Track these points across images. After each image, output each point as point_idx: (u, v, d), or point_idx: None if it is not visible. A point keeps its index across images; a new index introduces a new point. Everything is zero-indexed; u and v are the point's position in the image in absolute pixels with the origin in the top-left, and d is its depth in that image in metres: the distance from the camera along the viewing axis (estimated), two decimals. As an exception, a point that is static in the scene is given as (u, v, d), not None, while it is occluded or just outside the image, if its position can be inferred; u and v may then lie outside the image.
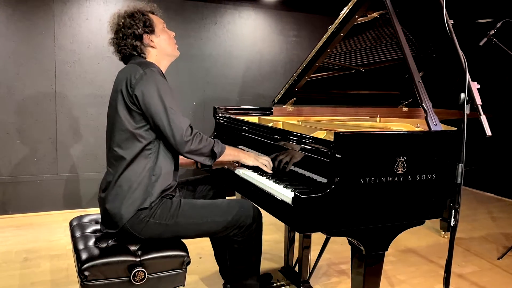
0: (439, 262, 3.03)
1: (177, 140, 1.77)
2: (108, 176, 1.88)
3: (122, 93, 1.80)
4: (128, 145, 1.82)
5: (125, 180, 1.81)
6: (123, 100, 1.80)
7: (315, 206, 1.58)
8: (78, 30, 3.78)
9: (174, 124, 1.77)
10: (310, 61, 2.64)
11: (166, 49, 1.98)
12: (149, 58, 1.94)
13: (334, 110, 3.12)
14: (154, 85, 1.78)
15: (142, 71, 1.79)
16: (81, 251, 1.79)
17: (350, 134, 1.65)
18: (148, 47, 1.93)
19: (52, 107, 3.77)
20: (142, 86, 1.76)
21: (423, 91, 1.95)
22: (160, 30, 1.96)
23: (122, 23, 1.89)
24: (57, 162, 3.83)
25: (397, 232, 1.81)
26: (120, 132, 1.83)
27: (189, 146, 1.79)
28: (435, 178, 1.80)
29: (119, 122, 1.82)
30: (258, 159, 2.03)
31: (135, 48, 1.90)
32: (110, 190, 1.84)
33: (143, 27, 1.89)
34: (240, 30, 4.39)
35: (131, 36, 1.88)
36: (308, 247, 2.46)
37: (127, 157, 1.82)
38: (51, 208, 3.85)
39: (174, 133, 1.77)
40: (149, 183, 1.82)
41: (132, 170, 1.81)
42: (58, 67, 3.75)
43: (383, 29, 2.85)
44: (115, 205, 1.81)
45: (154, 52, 1.95)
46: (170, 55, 2.01)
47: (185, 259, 1.85)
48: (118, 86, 1.84)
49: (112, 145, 1.86)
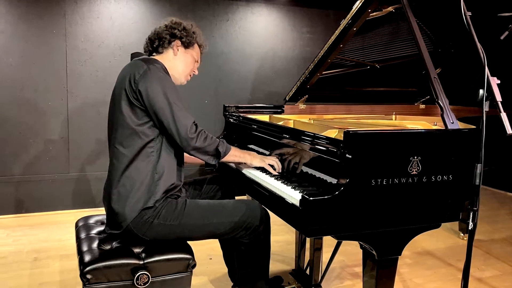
0: (458, 265, 2.92)
1: (182, 137, 1.73)
2: (110, 174, 1.84)
3: (125, 89, 1.76)
4: (129, 142, 1.78)
5: (128, 178, 1.77)
6: (126, 96, 1.76)
7: (323, 208, 1.50)
8: (90, 29, 3.77)
9: (179, 120, 1.73)
10: (321, 58, 2.56)
11: (179, 68, 1.98)
12: (161, 59, 1.91)
13: (348, 108, 3.04)
14: (158, 81, 1.74)
15: (146, 66, 1.76)
16: (85, 253, 1.75)
17: (360, 133, 1.57)
18: (170, 50, 1.94)
19: (63, 106, 3.77)
20: (146, 82, 1.73)
21: (439, 87, 1.85)
22: (191, 53, 1.99)
23: (175, 22, 1.95)
24: (69, 161, 3.83)
25: (411, 236, 1.72)
26: (122, 129, 1.79)
27: (194, 143, 1.75)
28: (451, 179, 1.70)
29: (121, 119, 1.79)
30: (265, 160, 1.97)
31: (161, 39, 1.92)
32: (113, 189, 1.80)
33: (183, 35, 1.93)
34: (252, 27, 4.33)
35: (168, 32, 1.92)
36: (319, 249, 2.39)
37: (128, 155, 1.78)
38: (63, 207, 3.85)
39: (179, 130, 1.73)
40: (152, 181, 1.78)
41: (134, 168, 1.77)
42: (70, 66, 3.74)
43: (400, 23, 2.76)
44: (119, 204, 1.77)
45: (170, 58, 1.95)
46: (177, 74, 1.98)
47: (190, 262, 1.80)
48: (121, 82, 1.80)
49: (113, 142, 1.82)
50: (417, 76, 3.04)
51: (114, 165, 1.82)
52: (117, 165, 1.80)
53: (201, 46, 2.05)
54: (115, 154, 1.81)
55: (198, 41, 2.01)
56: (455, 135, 1.74)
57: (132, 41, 3.89)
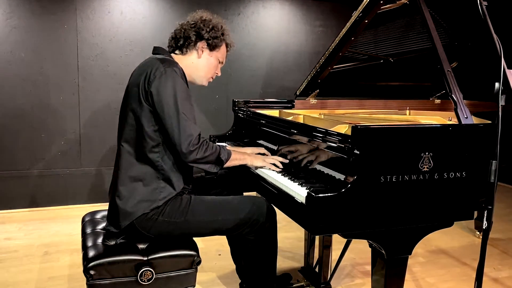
0: (473, 264, 2.84)
1: (183, 148, 1.67)
2: (116, 171, 1.82)
3: (138, 87, 1.72)
4: (136, 142, 1.76)
5: (132, 178, 1.75)
6: (138, 95, 1.73)
7: (329, 206, 1.45)
8: (101, 24, 3.77)
9: (184, 131, 1.67)
10: (332, 51, 2.50)
11: (200, 71, 1.92)
12: (183, 60, 1.87)
13: (361, 103, 2.97)
14: (172, 86, 1.69)
15: (163, 69, 1.71)
16: (89, 248, 1.74)
17: (368, 128, 1.52)
18: (194, 51, 1.88)
19: (75, 101, 3.78)
20: (159, 85, 1.68)
21: (453, 81, 1.78)
22: (215, 56, 1.93)
23: (204, 19, 1.87)
24: (81, 156, 3.85)
25: (422, 234, 1.67)
26: (130, 128, 1.77)
27: (194, 156, 1.69)
28: (465, 176, 1.64)
29: (130, 117, 1.76)
30: (266, 160, 1.92)
31: (186, 39, 1.85)
32: (118, 186, 1.77)
33: (211, 37, 1.86)
34: (264, 20, 4.27)
35: (195, 31, 1.84)
36: (328, 247, 2.34)
37: (134, 155, 1.76)
38: (74, 202, 3.87)
39: (182, 141, 1.66)
40: (157, 185, 1.75)
41: (139, 169, 1.75)
42: (81, 61, 3.75)
43: (414, 16, 2.68)
44: (123, 202, 1.75)
45: (192, 60, 1.89)
46: (198, 77, 1.93)
47: (195, 259, 1.77)
48: (135, 79, 1.77)
49: (121, 140, 1.80)
50: (432, 70, 2.95)
51: (120, 163, 1.79)
52: (123, 163, 1.78)
53: (228, 46, 1.98)
54: (121, 151, 1.79)
55: (226, 41, 1.94)
56: (469, 130, 1.67)
57: (143, 36, 3.88)
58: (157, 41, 3.91)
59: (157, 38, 3.92)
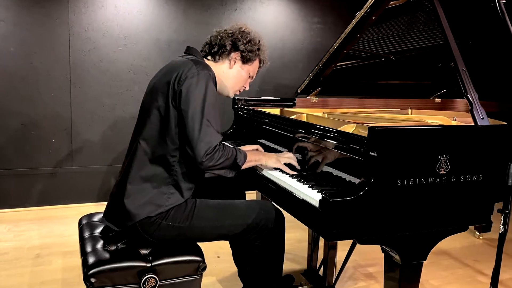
0: (475, 266, 2.81)
1: (199, 153, 1.57)
2: (127, 168, 1.72)
3: (168, 84, 1.64)
4: (155, 142, 1.67)
5: (144, 178, 1.66)
6: (166, 92, 1.65)
7: (346, 210, 1.39)
8: (93, 18, 3.64)
9: (204, 137, 1.58)
10: (337, 48, 2.44)
11: (229, 82, 1.86)
12: (215, 67, 1.80)
13: (362, 102, 2.91)
14: (203, 89, 1.62)
15: (196, 70, 1.64)
16: (89, 254, 1.65)
17: (386, 129, 1.46)
18: (227, 61, 1.82)
19: (67, 98, 3.66)
20: (190, 85, 1.61)
21: (468, 80, 1.73)
22: (247, 69, 1.88)
23: (243, 31, 1.84)
24: (73, 154, 3.73)
25: (438, 239, 1.62)
26: (151, 126, 1.68)
27: (209, 163, 1.59)
28: (481, 179, 1.59)
29: (154, 115, 1.67)
30: (280, 160, 1.84)
31: (221, 47, 1.80)
32: (128, 185, 1.68)
33: (246, 50, 1.81)
34: (261, 16, 4.19)
35: (232, 41, 1.80)
36: (334, 247, 2.26)
37: (150, 155, 1.67)
38: (66, 201, 3.75)
39: (199, 147, 1.57)
40: (166, 191, 1.67)
41: (152, 170, 1.67)
42: (73, 56, 3.63)
43: (416, 14, 2.63)
44: (130, 201, 1.66)
45: (223, 69, 1.84)
46: (225, 88, 1.88)
47: (200, 265, 1.69)
48: (166, 75, 1.69)
49: (139, 137, 1.71)
50: (432, 69, 2.92)
51: (133, 160, 1.69)
52: (136, 161, 1.68)
53: (261, 62, 1.92)
54: (137, 149, 1.69)
55: (260, 56, 1.89)
56: (486, 132, 1.62)
57: (138, 31, 3.77)
58: (152, 36, 3.81)
59: (152, 33, 3.81)
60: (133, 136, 1.76)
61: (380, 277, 2.64)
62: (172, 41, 3.88)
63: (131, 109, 3.83)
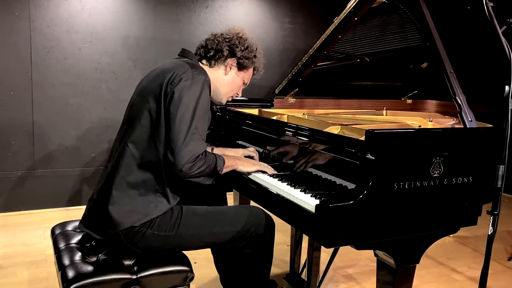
0: (449, 264, 2.87)
1: (178, 161, 1.48)
2: (111, 173, 1.61)
3: (161, 86, 1.55)
4: (144, 147, 1.57)
5: (130, 184, 1.56)
6: (158, 94, 1.56)
7: (345, 215, 1.36)
8: (56, 13, 3.44)
9: (188, 144, 1.50)
10: (318, 49, 2.41)
11: (223, 88, 1.80)
12: (209, 73, 1.72)
13: (337, 102, 2.91)
14: (197, 94, 1.55)
15: (191, 74, 1.56)
16: (67, 267, 1.53)
17: (384, 132, 1.44)
18: (222, 66, 1.77)
19: (28, 97, 3.44)
20: (183, 88, 1.53)
21: (456, 82, 1.74)
22: (242, 76, 1.84)
23: (240, 37, 1.79)
24: (34, 157, 3.51)
25: (431, 241, 1.63)
26: (143, 129, 1.58)
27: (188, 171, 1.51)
28: (471, 181, 1.60)
29: (145, 117, 1.57)
30: (256, 164, 1.80)
31: (218, 52, 1.74)
32: (113, 190, 1.57)
33: (243, 56, 1.76)
34: (233, 15, 4.11)
35: (229, 46, 1.74)
36: (319, 248, 2.20)
37: (139, 160, 1.57)
38: (27, 207, 3.53)
39: (181, 153, 1.48)
40: (153, 200, 1.58)
41: (140, 176, 1.57)
42: (35, 53, 3.41)
43: (391, 15, 2.65)
44: (115, 208, 1.55)
45: (218, 75, 1.77)
46: (218, 94, 1.81)
47: (188, 275, 1.62)
48: (159, 76, 1.60)
49: (126, 140, 1.60)
50: (404, 70, 2.96)
51: (119, 164, 1.59)
52: (123, 165, 1.58)
53: (256, 69, 1.88)
54: (124, 152, 1.59)
55: (256, 64, 1.85)
56: (475, 135, 1.64)
57: (105, 27, 3.60)
58: (119, 33, 3.65)
59: (120, 30, 3.65)
60: (119, 138, 1.66)
61: (360, 278, 2.64)
62: (141, 38, 3.73)
63: (98, 109, 3.66)
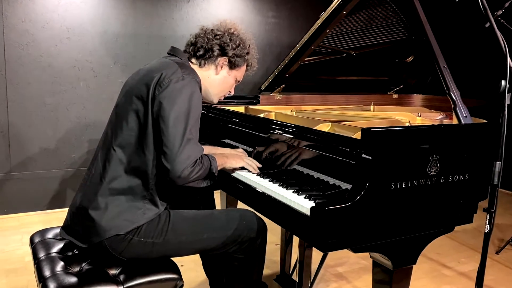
0: (439, 259, 2.86)
1: (175, 168, 1.40)
2: (95, 177, 1.52)
3: (148, 86, 1.47)
4: (132, 151, 1.49)
5: (116, 190, 1.48)
6: (146, 95, 1.47)
7: (342, 218, 1.30)
8: (31, 8, 3.29)
9: (183, 151, 1.41)
10: (305, 43, 2.35)
11: (214, 88, 1.71)
12: (199, 72, 1.64)
13: (324, 98, 2.86)
14: (188, 96, 1.46)
15: (181, 75, 1.48)
16: (48, 279, 1.44)
17: (381, 131, 1.39)
18: (213, 66, 1.67)
19: (2, 97, 3.28)
20: (172, 91, 1.45)
21: (450, 78, 1.70)
22: (234, 75, 1.74)
23: (232, 33, 1.69)
24: (10, 159, 3.36)
25: (428, 241, 1.59)
26: (129, 132, 1.49)
27: (185, 178, 1.44)
28: (467, 178, 1.56)
29: (132, 119, 1.49)
30: (244, 159, 1.75)
31: (208, 51, 1.64)
32: (98, 196, 1.48)
33: (235, 54, 1.67)
34: (215, 9, 4.02)
35: (220, 45, 1.65)
36: (310, 247, 2.14)
37: (126, 164, 1.49)
38: (4, 211, 3.39)
39: (179, 160, 1.40)
40: (141, 207, 1.50)
41: (127, 181, 1.49)
42: (8, 50, 3.26)
43: (377, 9, 2.61)
44: (98, 214, 1.47)
45: (209, 75, 1.68)
46: (210, 94, 1.73)
47: (177, 283, 1.55)
48: (146, 76, 1.51)
49: (113, 143, 1.51)
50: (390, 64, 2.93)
51: (105, 169, 1.50)
52: (110, 170, 1.49)
53: (249, 66, 1.79)
54: (111, 157, 1.50)
55: (248, 61, 1.76)
56: (471, 131, 1.60)
57: (82, 23, 3.46)
58: (98, 30, 3.52)
59: (98, 26, 3.52)
60: (104, 141, 1.56)
61: (351, 277, 2.60)
62: (120, 34, 3.61)
63: (76, 108, 3.52)
